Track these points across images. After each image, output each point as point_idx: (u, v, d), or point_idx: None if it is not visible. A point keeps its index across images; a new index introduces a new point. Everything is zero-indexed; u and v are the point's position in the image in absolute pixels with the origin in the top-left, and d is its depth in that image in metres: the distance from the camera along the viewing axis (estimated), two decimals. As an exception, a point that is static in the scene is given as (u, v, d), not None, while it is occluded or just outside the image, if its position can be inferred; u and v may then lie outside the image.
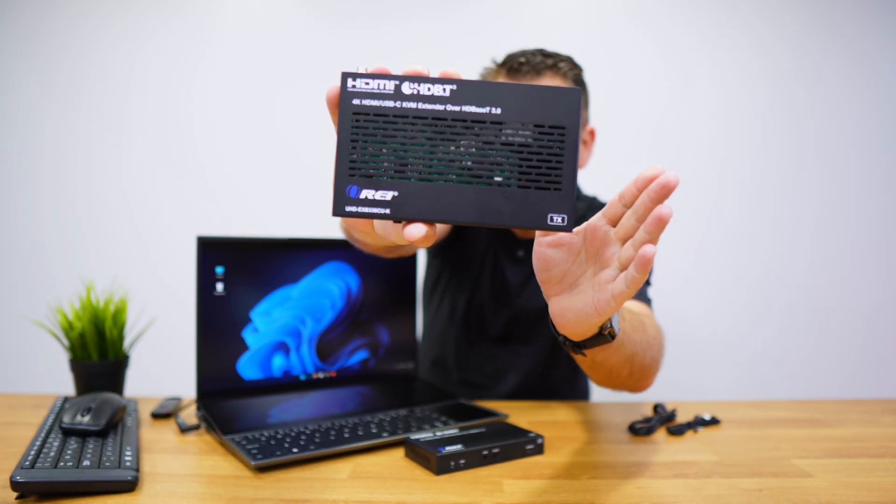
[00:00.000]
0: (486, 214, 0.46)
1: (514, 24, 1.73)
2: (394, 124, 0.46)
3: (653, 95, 1.74)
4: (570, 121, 0.46)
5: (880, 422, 0.88)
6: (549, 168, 0.46)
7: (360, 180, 0.46)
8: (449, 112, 0.46)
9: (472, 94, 0.46)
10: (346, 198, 0.45)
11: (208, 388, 0.84)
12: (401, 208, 0.46)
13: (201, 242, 0.84)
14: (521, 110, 0.46)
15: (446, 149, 0.46)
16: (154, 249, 1.79)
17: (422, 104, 0.46)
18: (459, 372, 1.17)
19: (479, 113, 0.46)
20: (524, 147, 0.46)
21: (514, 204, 0.46)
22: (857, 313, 1.72)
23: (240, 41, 1.79)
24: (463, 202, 0.46)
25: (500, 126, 0.46)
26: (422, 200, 0.46)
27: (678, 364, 1.73)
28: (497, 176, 0.46)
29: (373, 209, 0.46)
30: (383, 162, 0.46)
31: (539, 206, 0.46)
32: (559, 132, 0.46)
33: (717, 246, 1.73)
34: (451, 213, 0.46)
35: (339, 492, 0.61)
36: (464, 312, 1.16)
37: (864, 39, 1.71)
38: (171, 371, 1.42)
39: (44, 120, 1.81)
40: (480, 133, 0.46)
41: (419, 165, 0.46)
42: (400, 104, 0.46)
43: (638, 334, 0.72)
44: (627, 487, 0.63)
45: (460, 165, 0.46)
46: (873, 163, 1.71)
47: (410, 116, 0.46)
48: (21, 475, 0.56)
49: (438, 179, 0.46)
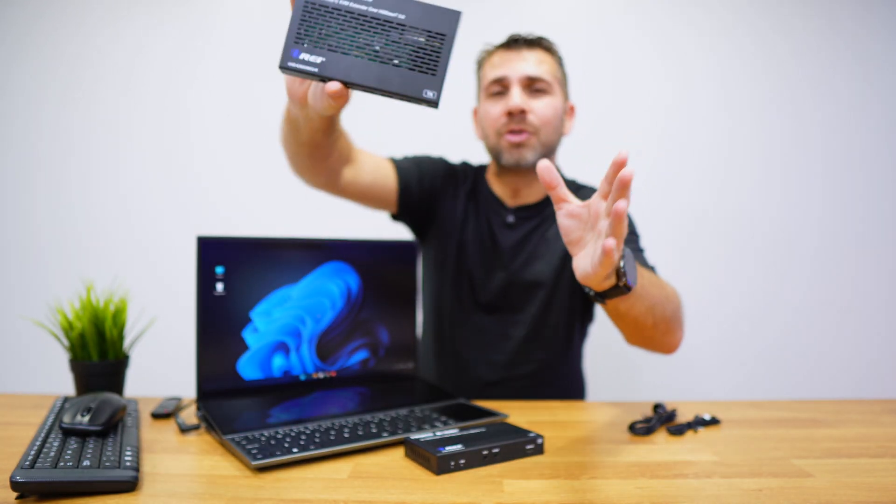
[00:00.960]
0: (383, 82, 0.67)
1: (514, 24, 1.73)
2: (330, 13, 0.67)
3: (655, 95, 1.74)
4: (450, 31, 0.68)
5: (880, 422, 0.88)
6: (430, 59, 0.67)
7: (301, 46, 0.67)
8: (370, 12, 0.67)
9: (388, 3, 0.68)
10: (290, 57, 0.67)
11: (208, 388, 0.84)
12: (325, 68, 0.67)
13: (201, 242, 0.84)
14: (419, 19, 0.68)
15: (364, 35, 0.67)
16: (154, 249, 1.79)
17: (353, 4, 0.67)
18: (452, 343, 1.19)
19: (390, 16, 0.68)
20: (417, 43, 0.67)
21: (402, 79, 0.67)
22: (858, 313, 1.72)
23: (238, 40, 1.79)
24: (369, 72, 0.67)
25: (403, 27, 0.67)
26: (341, 66, 0.67)
27: (679, 364, 1.73)
28: (395, 59, 0.67)
29: (306, 67, 0.67)
30: (317, 36, 0.67)
31: (419, 83, 0.67)
32: (441, 37, 0.68)
33: (719, 245, 1.73)
34: (360, 78, 0.67)
35: (339, 492, 0.61)
36: (454, 281, 1.18)
37: (866, 38, 1.71)
38: (171, 371, 1.42)
39: (42, 120, 1.81)
40: (389, 29, 0.67)
41: (343, 44, 0.67)
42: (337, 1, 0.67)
43: (656, 289, 0.85)
44: (627, 487, 0.63)
45: (372, 48, 0.67)
46: (876, 162, 1.71)
47: (343, 10, 0.67)
48: (21, 475, 0.56)
49: (353, 54, 0.67)
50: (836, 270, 1.72)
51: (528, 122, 1.09)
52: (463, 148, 1.52)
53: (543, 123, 1.10)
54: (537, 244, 1.17)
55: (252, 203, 1.78)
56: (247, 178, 1.78)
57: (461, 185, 1.23)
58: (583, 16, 1.75)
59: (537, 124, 1.10)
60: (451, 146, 1.71)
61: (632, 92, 1.74)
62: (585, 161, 1.61)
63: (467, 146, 1.49)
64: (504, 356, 1.16)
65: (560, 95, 1.14)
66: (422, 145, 1.76)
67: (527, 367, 1.15)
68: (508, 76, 1.10)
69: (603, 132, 1.73)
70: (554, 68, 1.13)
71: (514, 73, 1.10)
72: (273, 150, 1.79)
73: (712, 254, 1.73)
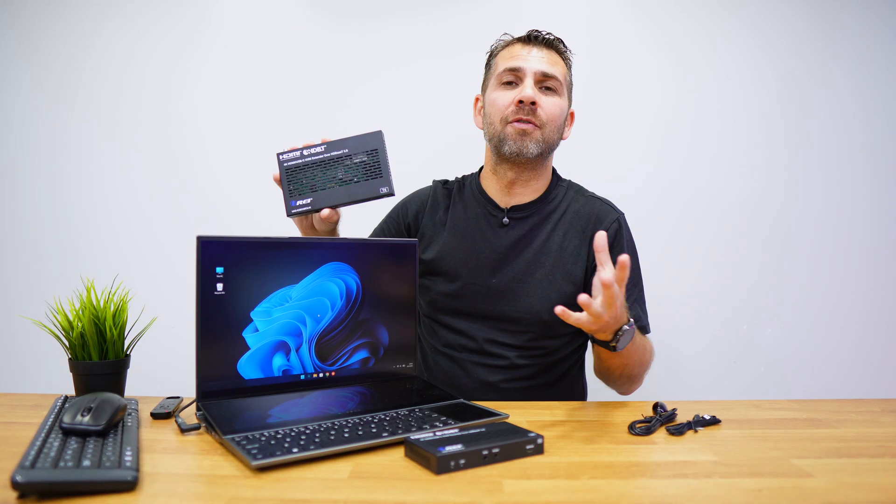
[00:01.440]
0: (353, 196, 1.01)
1: (514, 23, 1.73)
2: (303, 169, 1.03)
3: (657, 95, 1.74)
4: (379, 145, 1.02)
5: (880, 422, 0.88)
6: (374, 168, 1.02)
7: (295, 196, 1.03)
8: (325, 157, 1.03)
9: (334, 146, 1.03)
10: (291, 206, 1.03)
11: (208, 388, 0.84)
12: (315, 204, 1.02)
13: (201, 242, 0.84)
14: (357, 147, 1.02)
15: (329, 172, 1.02)
16: (154, 249, 1.78)
17: (312, 157, 1.03)
18: (449, 347, 1.19)
19: (338, 154, 1.02)
20: (363, 162, 1.02)
21: (364, 188, 1.01)
22: (858, 314, 1.72)
23: (237, 40, 1.79)
24: (342, 193, 1.02)
25: (350, 157, 1.02)
26: (322, 198, 1.02)
27: (679, 364, 1.73)
28: (354, 178, 1.02)
29: (303, 208, 1.02)
30: (302, 186, 1.02)
31: (376, 186, 1.01)
32: (374, 151, 1.02)
33: (720, 246, 1.73)
34: (338, 200, 1.01)
35: (339, 492, 0.61)
36: (446, 286, 1.18)
37: (869, 36, 1.70)
38: (171, 371, 1.42)
39: (39, 119, 1.80)
40: (341, 162, 1.02)
41: (319, 183, 1.02)
42: (303, 160, 1.03)
43: (636, 356, 1.03)
44: (627, 487, 0.63)
45: (337, 178, 1.02)
46: (878, 163, 1.71)
47: (310, 164, 1.03)
48: (21, 475, 0.56)
49: (328, 186, 1.02)
50: (836, 271, 1.72)
51: (537, 114, 1.11)
52: (464, 148, 1.52)
53: (550, 120, 1.13)
54: (539, 252, 1.15)
55: (252, 203, 1.78)
56: (247, 178, 1.78)
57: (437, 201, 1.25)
58: (585, 14, 1.75)
59: (544, 119, 1.12)
60: (453, 146, 1.71)
61: (634, 92, 1.74)
62: (587, 161, 1.61)
63: (470, 142, 1.49)
64: (502, 361, 1.15)
65: (566, 99, 1.17)
66: (421, 148, 1.76)
67: (526, 371, 1.15)
68: (524, 68, 1.12)
69: (605, 133, 1.72)
70: (564, 72, 1.16)
71: (529, 67, 1.12)
72: (272, 149, 1.80)
73: (714, 254, 1.73)
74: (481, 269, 1.16)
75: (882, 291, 1.71)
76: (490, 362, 1.15)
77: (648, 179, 1.73)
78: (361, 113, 1.77)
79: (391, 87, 1.76)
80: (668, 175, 1.73)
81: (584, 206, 1.18)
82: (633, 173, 1.73)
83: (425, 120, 1.75)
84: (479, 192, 1.22)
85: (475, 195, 1.22)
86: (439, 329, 1.20)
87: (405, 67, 1.76)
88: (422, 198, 1.27)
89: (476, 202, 1.22)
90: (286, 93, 1.78)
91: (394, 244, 1.02)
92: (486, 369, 1.15)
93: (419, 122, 1.75)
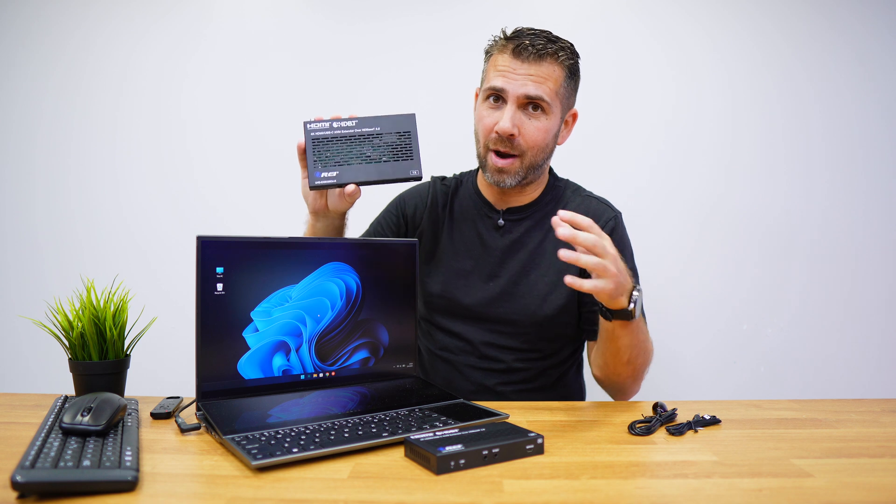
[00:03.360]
0: (382, 175, 1.00)
1: (514, 23, 1.73)
2: (331, 141, 0.99)
3: (658, 95, 1.74)
4: (411, 127, 1.02)
5: (880, 422, 0.88)
6: (406, 150, 1.01)
7: (319, 168, 0.98)
8: (356, 132, 1.00)
9: (365, 123, 1.01)
10: (315, 178, 0.98)
11: (208, 388, 0.84)
12: (341, 178, 0.99)
13: (201, 242, 0.84)
14: (389, 127, 1.01)
15: (357, 148, 1.00)
16: (154, 249, 1.79)
17: (342, 131, 1.00)
18: (446, 349, 1.18)
19: (370, 131, 1.01)
20: (393, 143, 1.01)
21: (393, 169, 1.00)
22: (858, 314, 1.72)
23: (236, 40, 1.79)
24: (370, 171, 1.00)
25: (381, 135, 1.00)
26: (350, 173, 0.99)
27: (679, 364, 1.73)
28: (383, 157, 1.00)
29: (329, 181, 0.99)
30: (328, 159, 0.99)
31: (405, 167, 1.00)
32: (407, 133, 1.01)
33: (721, 246, 1.73)
34: (365, 176, 0.99)
35: (339, 492, 0.61)
36: (444, 287, 1.17)
37: (868, 37, 1.70)
38: (171, 371, 1.42)
39: (40, 119, 1.81)
40: (370, 140, 1.00)
41: (346, 158, 0.99)
42: (332, 132, 1.00)
43: (643, 335, 1.01)
44: (627, 487, 0.63)
45: (365, 155, 1.00)
46: (878, 163, 1.71)
47: (338, 137, 1.00)
48: (21, 475, 0.56)
49: (355, 163, 0.99)
50: (836, 271, 1.72)
51: (515, 145, 1.07)
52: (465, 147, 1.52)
53: (531, 147, 1.08)
54: (534, 253, 1.15)
55: (252, 203, 1.78)
56: (247, 178, 1.78)
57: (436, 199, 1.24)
58: (585, 14, 1.75)
59: (524, 148, 1.08)
60: (451, 146, 1.71)
61: (634, 93, 1.74)
62: (588, 162, 1.61)
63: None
64: (500, 364, 1.14)
65: (557, 114, 1.10)
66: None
67: (524, 374, 1.15)
68: (506, 91, 1.06)
69: (606, 134, 1.72)
70: (558, 84, 1.08)
71: (513, 90, 1.06)
72: (273, 150, 1.80)
73: (714, 254, 1.73)
74: (477, 272, 1.16)
75: (881, 292, 1.71)
76: (487, 366, 1.14)
77: (649, 181, 1.73)
78: (362, 113, 1.77)
79: (391, 87, 1.76)
80: (668, 176, 1.73)
81: (581, 206, 1.17)
82: (633, 174, 1.73)
83: (426, 120, 1.74)
84: (476, 193, 1.22)
85: (471, 196, 1.22)
86: (435, 332, 1.20)
87: (404, 67, 1.76)
88: (421, 194, 1.26)
89: (472, 203, 1.21)
90: (286, 93, 1.78)
91: (394, 244, 1.02)
92: (482, 373, 1.15)
93: (421, 122, 1.74)
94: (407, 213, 1.24)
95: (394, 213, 1.25)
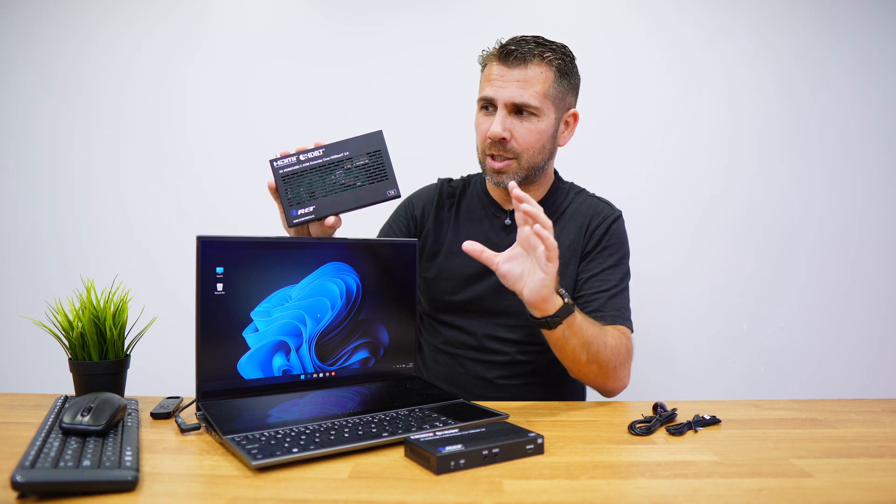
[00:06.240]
0: (359, 201, 0.95)
1: (514, 24, 1.73)
2: (301, 175, 0.95)
3: (657, 95, 1.73)
4: (381, 146, 0.97)
5: (880, 422, 0.88)
6: (378, 171, 0.96)
7: (295, 205, 0.94)
8: (325, 160, 0.95)
9: (332, 149, 0.95)
10: (292, 216, 0.94)
11: (208, 388, 0.84)
12: (318, 212, 0.95)
13: (201, 242, 0.84)
14: (358, 149, 0.96)
15: (329, 177, 0.95)
16: (154, 249, 1.78)
17: (310, 162, 0.95)
18: (448, 344, 1.19)
19: (338, 157, 0.95)
20: (365, 164, 0.96)
21: (369, 192, 0.96)
22: (858, 313, 1.71)
23: (238, 41, 1.79)
24: (346, 199, 0.95)
25: (351, 159, 0.96)
26: (326, 205, 0.95)
27: (679, 364, 1.73)
28: (357, 182, 0.96)
29: (305, 217, 0.95)
30: (301, 194, 0.95)
31: (382, 189, 0.96)
32: (377, 153, 0.96)
33: (720, 245, 1.73)
34: (343, 206, 0.95)
35: (339, 492, 0.61)
36: (446, 287, 1.18)
37: (866, 36, 1.70)
38: (171, 371, 1.42)
39: (41, 120, 1.80)
40: (341, 165, 0.95)
41: (319, 190, 0.95)
42: (300, 165, 0.95)
43: (595, 329, 0.98)
44: (627, 487, 0.63)
45: (339, 183, 0.95)
46: (877, 162, 1.71)
47: (308, 169, 0.95)
48: (21, 475, 0.56)
49: (330, 193, 0.95)
50: (835, 270, 1.72)
51: (508, 148, 1.09)
52: (466, 148, 1.52)
53: (525, 148, 1.10)
54: None
55: (252, 203, 1.78)
56: (247, 178, 1.78)
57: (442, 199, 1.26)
58: (585, 15, 1.75)
59: (518, 150, 1.09)
60: (452, 146, 1.71)
61: (633, 93, 1.74)
62: (587, 162, 1.61)
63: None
64: (502, 357, 1.15)
65: (551, 115, 1.10)
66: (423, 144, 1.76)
67: (526, 367, 1.15)
68: (494, 98, 1.08)
69: (605, 134, 1.72)
70: (547, 85, 1.08)
71: (500, 97, 1.07)
72: (274, 150, 1.80)
73: (713, 254, 1.73)
74: (482, 268, 1.16)
75: (881, 291, 1.71)
76: (490, 358, 1.16)
77: (648, 180, 1.73)
78: (362, 113, 1.77)
79: (392, 89, 1.76)
80: (667, 176, 1.73)
81: (583, 204, 1.20)
82: (632, 174, 1.73)
83: (427, 120, 1.75)
84: (484, 193, 1.24)
85: (479, 196, 1.24)
86: (440, 327, 1.21)
87: (406, 69, 1.76)
88: (428, 194, 1.28)
89: (480, 203, 1.23)
90: (287, 94, 1.78)
91: (394, 244, 1.02)
92: (485, 366, 1.16)
93: (421, 123, 1.75)
94: (416, 215, 1.26)
95: (403, 216, 1.27)
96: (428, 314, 1.24)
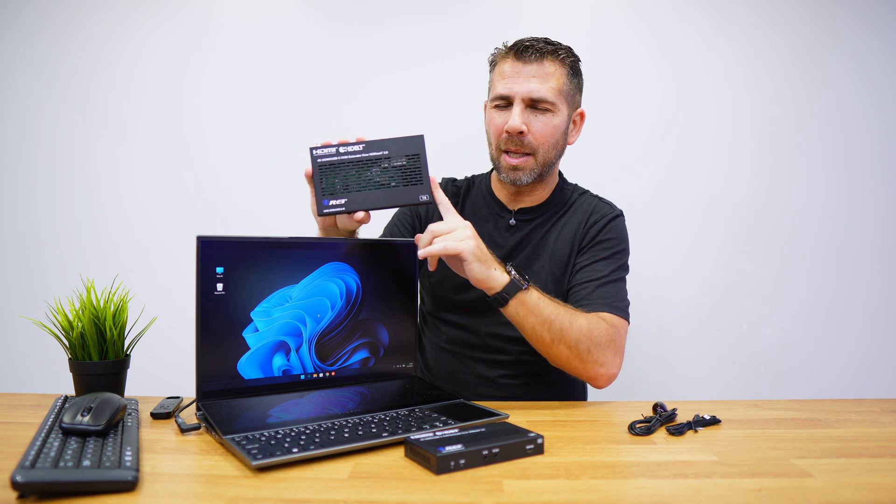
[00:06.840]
0: (390, 200, 0.96)
1: (514, 24, 1.73)
2: (338, 166, 0.95)
3: (657, 95, 1.73)
4: (420, 150, 0.96)
5: (880, 422, 0.88)
6: (415, 173, 0.96)
7: (327, 196, 0.95)
8: (363, 157, 0.95)
9: (373, 146, 0.95)
10: (323, 205, 0.95)
11: (208, 388, 0.84)
12: (349, 206, 0.95)
13: (201, 242, 0.84)
14: (398, 150, 0.96)
15: (365, 173, 0.95)
16: (154, 249, 1.78)
17: (349, 156, 0.95)
18: (450, 343, 1.19)
19: (377, 155, 0.95)
20: (402, 166, 0.96)
21: (402, 194, 0.95)
22: (858, 313, 1.71)
23: (238, 41, 1.79)
24: (379, 197, 0.95)
25: (389, 159, 0.95)
26: (358, 200, 0.95)
27: (679, 364, 1.73)
28: (392, 182, 0.95)
29: (337, 209, 0.95)
30: (336, 185, 0.95)
31: (415, 192, 0.96)
32: (416, 156, 0.96)
33: (720, 245, 1.73)
34: (374, 203, 0.95)
35: (339, 492, 0.61)
36: (449, 285, 1.18)
37: (866, 36, 1.70)
38: (171, 371, 1.42)
39: (41, 119, 1.80)
40: (378, 164, 0.95)
41: (354, 184, 0.95)
42: (339, 157, 0.95)
43: (558, 308, 0.98)
44: (627, 487, 0.63)
45: (374, 180, 0.95)
46: (876, 163, 1.71)
47: (346, 162, 0.95)
48: (21, 475, 0.56)
49: (364, 189, 0.95)
50: (836, 270, 1.72)
51: (525, 143, 1.09)
52: (469, 148, 1.52)
53: (541, 143, 1.10)
54: (537, 246, 1.17)
55: (252, 203, 1.78)
56: (248, 178, 1.78)
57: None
58: (585, 15, 1.75)
59: (535, 145, 1.10)
60: (456, 146, 1.71)
61: (633, 93, 1.74)
62: (588, 162, 1.61)
63: (473, 145, 1.49)
64: (505, 356, 1.16)
65: (564, 112, 1.12)
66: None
67: (525, 368, 1.15)
68: (511, 94, 1.09)
69: (606, 134, 1.72)
70: (561, 81, 1.10)
71: (517, 92, 1.08)
72: (273, 150, 1.80)
73: (714, 254, 1.73)
74: None
75: (881, 291, 1.71)
76: (493, 357, 1.16)
77: (649, 180, 1.73)
78: (362, 114, 1.77)
79: (392, 89, 1.76)
80: (668, 175, 1.73)
81: (584, 203, 1.20)
82: (633, 174, 1.73)
83: (427, 120, 1.75)
84: (489, 193, 1.24)
85: (484, 196, 1.24)
86: (443, 326, 1.21)
87: (406, 69, 1.76)
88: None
89: (485, 203, 1.23)
90: (287, 94, 1.78)
91: (394, 244, 1.02)
92: (488, 365, 1.16)
93: (421, 123, 1.75)
94: (420, 213, 1.26)
95: (408, 214, 1.27)
96: (431, 312, 1.24)
